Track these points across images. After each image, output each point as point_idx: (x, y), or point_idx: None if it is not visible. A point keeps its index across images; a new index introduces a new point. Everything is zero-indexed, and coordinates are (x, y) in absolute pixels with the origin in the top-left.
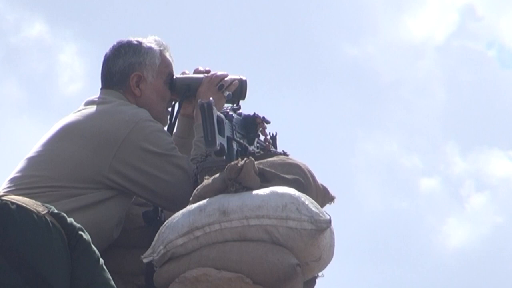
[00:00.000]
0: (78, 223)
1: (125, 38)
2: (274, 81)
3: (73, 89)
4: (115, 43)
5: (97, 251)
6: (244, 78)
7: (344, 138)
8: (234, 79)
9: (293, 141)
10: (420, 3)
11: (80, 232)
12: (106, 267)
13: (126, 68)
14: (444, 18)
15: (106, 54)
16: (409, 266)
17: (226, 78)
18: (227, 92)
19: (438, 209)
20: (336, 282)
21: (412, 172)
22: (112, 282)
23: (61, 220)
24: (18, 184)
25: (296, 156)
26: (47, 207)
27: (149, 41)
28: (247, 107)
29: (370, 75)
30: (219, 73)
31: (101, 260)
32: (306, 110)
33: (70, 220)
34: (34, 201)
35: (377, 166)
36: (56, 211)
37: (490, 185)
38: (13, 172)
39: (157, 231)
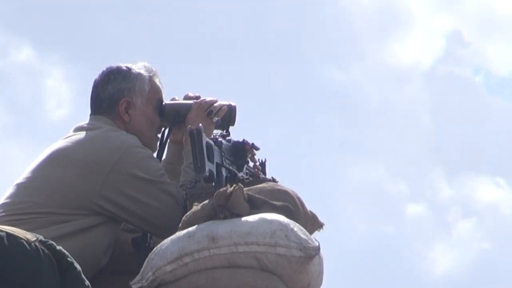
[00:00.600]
0: (67, 249)
1: (114, 64)
2: (262, 108)
3: (60, 114)
4: (104, 69)
5: (87, 281)
6: (233, 104)
7: (331, 164)
8: (223, 105)
9: (281, 167)
10: (407, 28)
11: (70, 260)
12: None
13: (116, 94)
14: (431, 43)
15: (95, 80)
16: None
17: (215, 104)
18: (216, 118)
19: (425, 235)
20: None
21: (398, 198)
22: None
23: (51, 247)
24: (7, 210)
25: (285, 182)
26: (35, 235)
27: (138, 67)
28: (236, 134)
29: (357, 100)
30: (208, 99)
31: None
32: (294, 136)
33: (59, 247)
34: (22, 230)
35: (363, 192)
36: (44, 239)
37: (477, 211)
38: (2, 198)
39: (146, 258)
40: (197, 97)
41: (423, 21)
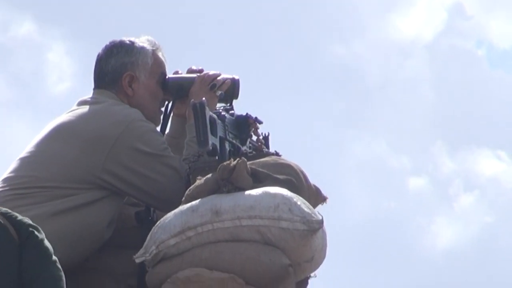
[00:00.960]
0: (70, 223)
1: (117, 38)
2: (265, 82)
3: (62, 89)
4: (107, 43)
5: (50, 248)
6: (236, 77)
7: (333, 139)
8: (227, 79)
9: (284, 141)
10: (409, 2)
11: (31, 229)
12: (99, 268)
13: (119, 68)
14: (433, 17)
15: (98, 54)
16: (398, 265)
17: (218, 78)
18: (220, 92)
19: (427, 209)
20: (327, 282)
21: (400, 172)
22: (63, 280)
23: (10, 218)
24: (11, 184)
25: (287, 156)
26: None
27: (141, 41)
28: (239, 107)
29: (359, 75)
30: (211, 72)
31: (54, 257)
32: (297, 111)
33: (20, 218)
34: None
35: (365, 167)
36: (5, 211)
37: (478, 184)
38: (6, 173)
39: (149, 231)
40: (200, 71)
41: None
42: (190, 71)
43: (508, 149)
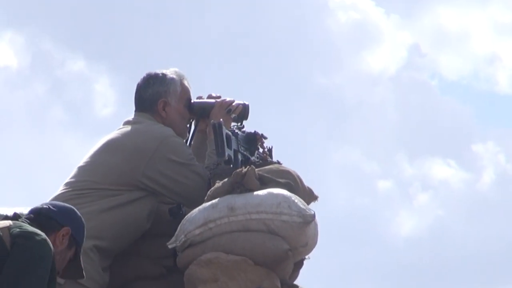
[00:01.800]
0: (116, 217)
1: (152, 71)
2: (267, 107)
3: (106, 113)
4: (145, 75)
5: (35, 252)
6: (247, 103)
7: (318, 149)
8: (239, 104)
9: (281, 152)
10: (377, 42)
11: (17, 239)
12: (140, 252)
13: (155, 95)
14: (396, 54)
15: (138, 84)
16: (369, 249)
17: (233, 104)
18: (234, 115)
19: (392, 205)
20: (316, 262)
21: (371, 176)
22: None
23: (13, 230)
24: (72, 187)
25: (286, 163)
26: (9, 223)
27: (171, 73)
28: (248, 126)
29: (338, 99)
30: (228, 99)
31: (39, 261)
32: (290, 128)
33: (18, 230)
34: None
35: (344, 171)
36: (15, 224)
37: (433, 185)
38: (68, 178)
39: (179, 224)
40: (218, 97)
41: (389, 36)
42: (210, 96)
43: (456, 158)
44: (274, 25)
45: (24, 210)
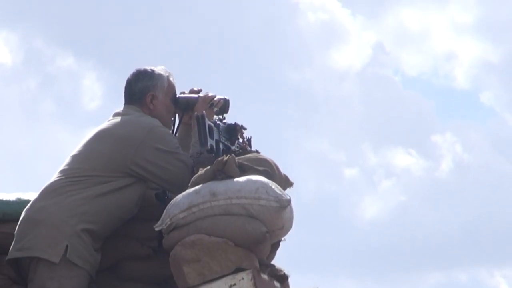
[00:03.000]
0: (108, 203)
1: (141, 67)
2: (245, 100)
3: (93, 106)
4: (135, 71)
5: None
6: (227, 98)
7: (290, 138)
8: (220, 99)
9: (256, 142)
10: (344, 40)
11: None
12: (129, 234)
13: (144, 89)
14: (361, 52)
15: (128, 79)
16: (336, 231)
17: (215, 98)
18: (216, 108)
19: (358, 191)
20: (293, 243)
21: (338, 164)
22: None
23: None
24: (65, 174)
25: (264, 152)
26: None
27: (159, 69)
28: (229, 119)
29: (308, 92)
30: (210, 94)
31: None
32: (265, 119)
33: None
34: None
35: (313, 159)
36: None
37: (395, 173)
38: (62, 165)
39: (165, 208)
40: (199, 90)
41: (355, 35)
42: (191, 90)
43: (417, 147)
44: (249, 25)
45: (22, 195)
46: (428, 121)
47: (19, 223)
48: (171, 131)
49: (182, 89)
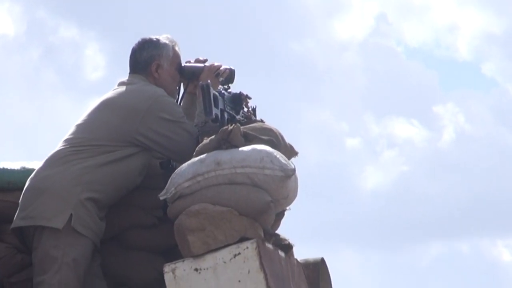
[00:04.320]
0: (112, 172)
1: (146, 36)
2: (249, 70)
3: (96, 76)
4: (140, 40)
5: None
6: (233, 68)
7: (292, 109)
8: (226, 69)
9: (262, 112)
10: (346, 10)
11: None
12: (134, 203)
13: (149, 58)
14: (364, 22)
15: (133, 48)
16: (339, 201)
17: (221, 68)
18: (221, 78)
19: (360, 161)
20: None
21: (340, 134)
22: None
23: None
24: (70, 143)
25: (268, 122)
26: None
27: (164, 38)
28: (234, 88)
29: (310, 63)
30: (216, 63)
31: None
32: (270, 91)
33: None
34: None
35: (315, 130)
36: None
37: (397, 143)
38: (66, 134)
39: (170, 177)
40: (205, 60)
41: (358, 5)
42: (197, 60)
43: (419, 117)
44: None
45: (27, 164)
46: (430, 92)
47: (23, 192)
48: (176, 101)
49: (186, 58)
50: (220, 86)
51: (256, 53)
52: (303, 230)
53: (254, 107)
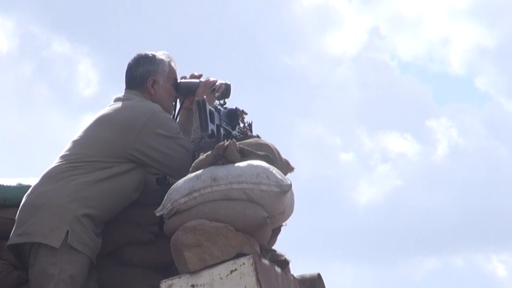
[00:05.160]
0: (109, 187)
1: (142, 51)
2: (244, 85)
3: (89, 92)
4: (136, 55)
5: None
6: (228, 83)
7: (285, 124)
8: (222, 84)
9: (258, 128)
10: (339, 25)
11: None
12: (130, 219)
13: (145, 74)
14: (357, 36)
15: (129, 63)
16: (332, 215)
17: (217, 83)
18: (217, 93)
19: (353, 176)
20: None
21: (334, 149)
22: None
23: None
24: (66, 160)
25: (264, 137)
26: None
27: (160, 54)
28: (230, 103)
29: (303, 78)
30: (211, 79)
31: None
32: (260, 105)
33: None
34: None
35: (309, 144)
36: None
37: (391, 158)
38: (63, 151)
39: (166, 193)
40: (200, 75)
41: (350, 19)
42: (192, 76)
43: (412, 132)
44: (243, 9)
45: (23, 181)
46: (424, 106)
47: (20, 208)
48: (172, 116)
49: (180, 74)
50: (216, 101)
51: (248, 68)
52: (297, 245)
53: (250, 122)
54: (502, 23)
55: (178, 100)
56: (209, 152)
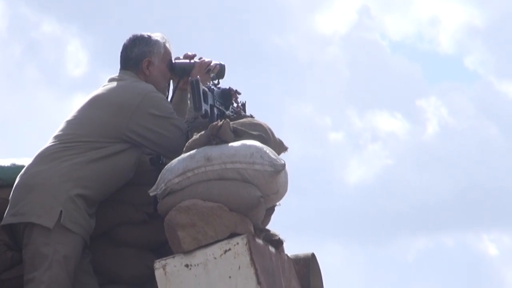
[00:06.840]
0: (103, 168)
1: (138, 32)
2: (228, 66)
3: (78, 73)
4: (131, 36)
5: None
6: (223, 63)
7: (274, 104)
8: (217, 64)
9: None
10: (328, 4)
11: None
12: (124, 200)
13: (140, 55)
14: (346, 16)
15: (124, 44)
16: (322, 195)
17: (211, 64)
18: (212, 74)
19: (343, 155)
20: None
21: (324, 128)
22: None
23: None
24: (60, 140)
25: (257, 117)
26: None
27: (155, 35)
28: (224, 84)
29: (292, 57)
30: (206, 60)
31: None
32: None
33: None
34: None
35: (299, 124)
36: None
37: (381, 137)
38: (56, 131)
39: (160, 173)
40: (194, 55)
41: None
42: (186, 55)
43: (402, 111)
44: None
45: (17, 161)
46: (413, 85)
47: (13, 188)
48: (166, 97)
49: (174, 55)
50: (210, 81)
51: (237, 48)
52: (288, 225)
53: (244, 102)
54: (492, 2)
55: (172, 81)
56: (202, 132)
